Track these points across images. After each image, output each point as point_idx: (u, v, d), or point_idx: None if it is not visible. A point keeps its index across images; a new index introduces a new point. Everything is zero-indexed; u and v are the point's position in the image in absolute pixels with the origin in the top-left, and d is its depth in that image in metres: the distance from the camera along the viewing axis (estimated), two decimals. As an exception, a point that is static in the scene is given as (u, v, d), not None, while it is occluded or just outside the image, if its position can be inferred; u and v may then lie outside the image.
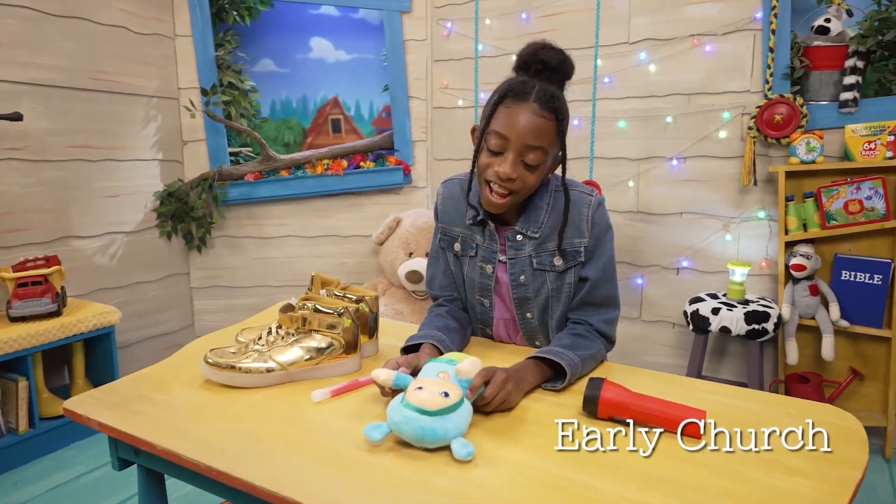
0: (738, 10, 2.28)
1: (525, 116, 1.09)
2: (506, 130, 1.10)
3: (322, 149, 2.99)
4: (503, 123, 1.10)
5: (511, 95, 1.12)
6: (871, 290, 2.10)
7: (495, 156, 1.13)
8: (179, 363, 1.21)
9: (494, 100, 1.14)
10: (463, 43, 2.86)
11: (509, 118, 1.10)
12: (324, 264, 3.02)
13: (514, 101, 1.11)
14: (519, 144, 1.10)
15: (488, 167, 1.13)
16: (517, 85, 1.13)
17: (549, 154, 1.13)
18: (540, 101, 1.10)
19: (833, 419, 0.97)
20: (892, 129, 2.01)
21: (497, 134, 1.11)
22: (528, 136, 1.09)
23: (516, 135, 1.09)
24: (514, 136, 1.09)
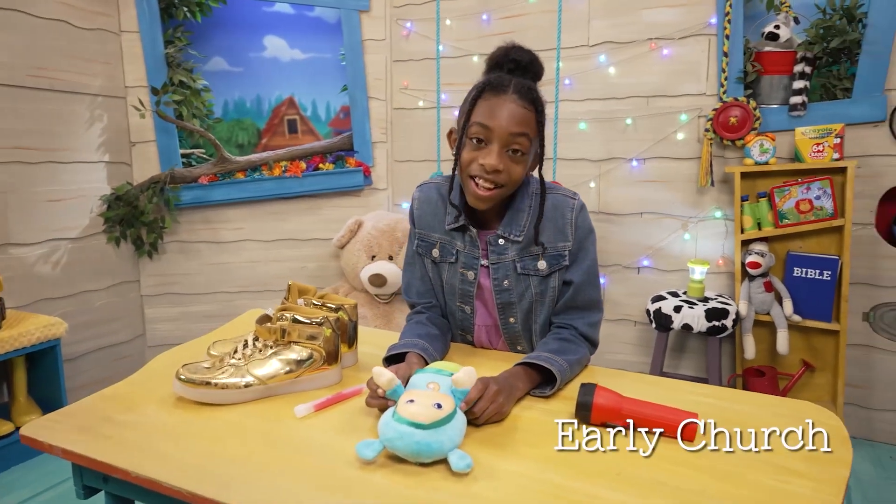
0: (693, 15, 2.34)
1: (506, 106, 1.10)
2: (488, 121, 1.09)
3: (279, 150, 2.91)
4: (485, 114, 1.10)
5: (489, 89, 1.12)
6: (821, 286, 2.19)
7: (479, 148, 1.12)
8: (145, 380, 1.14)
9: (473, 95, 1.14)
10: (423, 43, 2.84)
11: (491, 109, 1.10)
12: (282, 269, 2.94)
13: (493, 94, 1.11)
14: (503, 133, 1.09)
15: (472, 161, 1.12)
16: (494, 79, 1.13)
17: (532, 144, 1.13)
18: (519, 92, 1.11)
19: (815, 417, 0.99)
20: (839, 132, 2.11)
21: (479, 125, 1.10)
22: (512, 124, 1.09)
23: (499, 124, 1.09)
24: (496, 126, 1.09)
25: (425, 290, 1.31)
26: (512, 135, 1.09)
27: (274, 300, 2.95)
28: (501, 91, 1.11)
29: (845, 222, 2.12)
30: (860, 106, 2.16)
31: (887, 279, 2.21)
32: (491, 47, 2.69)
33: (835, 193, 2.13)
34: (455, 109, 2.81)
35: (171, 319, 2.90)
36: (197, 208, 2.82)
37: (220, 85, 2.97)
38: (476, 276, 1.23)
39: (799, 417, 0.99)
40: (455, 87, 2.78)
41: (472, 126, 1.12)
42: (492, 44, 2.68)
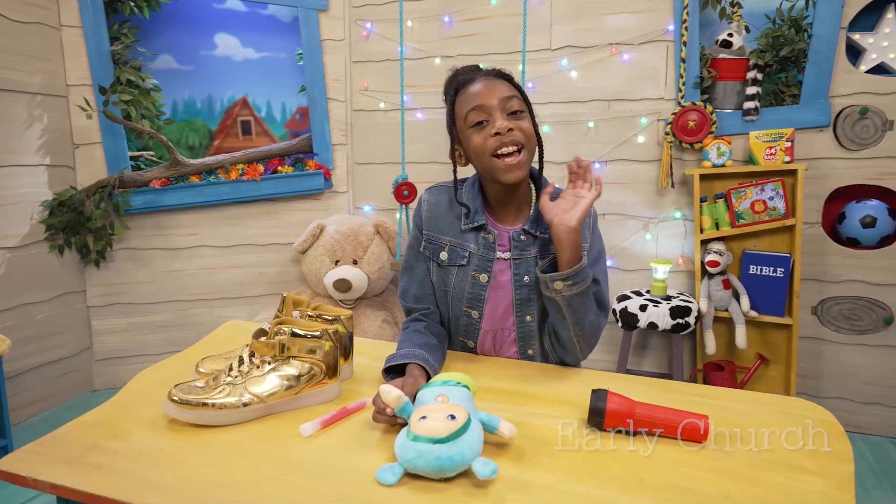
0: (652, 21, 2.41)
1: (486, 84, 1.17)
2: (478, 99, 1.16)
3: (236, 153, 2.80)
4: (473, 99, 1.16)
5: (462, 84, 1.20)
6: (775, 282, 2.30)
7: (482, 128, 1.16)
8: (128, 402, 1.06)
9: (451, 98, 1.21)
10: (383, 44, 2.80)
11: (475, 93, 1.17)
12: (240, 275, 2.84)
13: (468, 86, 1.19)
14: (496, 102, 1.15)
15: (485, 139, 1.16)
16: (462, 79, 1.22)
17: (525, 103, 1.19)
18: (487, 73, 1.20)
19: (810, 414, 1.04)
20: (789, 136, 2.22)
21: (474, 108, 1.16)
22: (500, 90, 1.16)
23: (488, 97, 1.15)
24: (487, 100, 1.15)
25: (423, 296, 1.30)
26: (503, 99, 1.15)
27: (232, 308, 2.85)
28: (472, 79, 1.19)
29: (796, 222, 2.23)
30: (807, 111, 2.28)
31: (833, 275, 2.34)
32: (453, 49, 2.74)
33: (786, 194, 2.24)
34: (417, 111, 2.79)
35: (121, 331, 2.75)
36: (148, 213, 2.68)
37: (169, 84, 2.84)
38: (489, 279, 1.22)
39: (795, 414, 1.03)
40: (417, 89, 2.75)
41: (467, 117, 1.17)
42: (454, 46, 2.70)
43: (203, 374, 1.09)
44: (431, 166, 2.81)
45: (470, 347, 1.32)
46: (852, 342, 2.35)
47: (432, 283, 1.29)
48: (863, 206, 2.27)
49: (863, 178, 2.26)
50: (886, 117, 2.20)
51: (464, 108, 1.17)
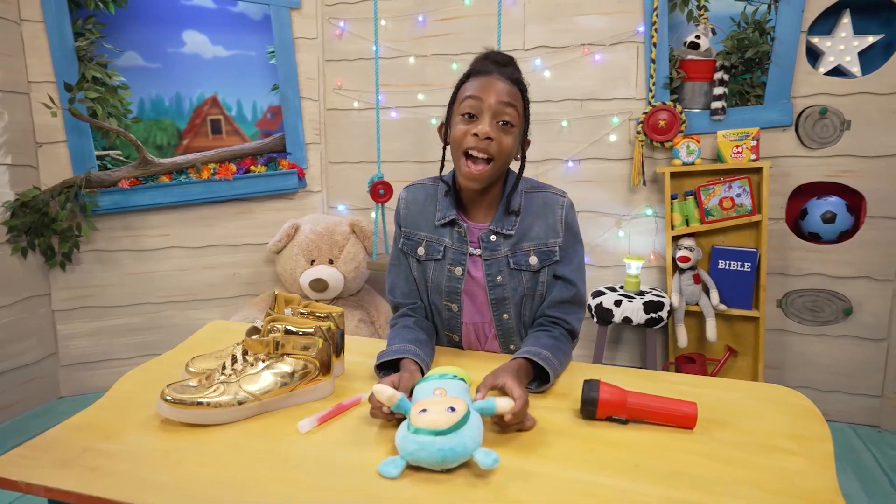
0: (622, 23, 2.46)
1: (494, 82, 1.17)
2: (479, 92, 1.15)
3: (207, 152, 2.76)
4: (475, 89, 1.16)
5: (475, 73, 1.20)
6: (743, 277, 2.38)
7: (470, 122, 1.16)
8: (116, 404, 1.04)
9: (460, 81, 1.22)
10: (356, 43, 2.79)
11: (480, 84, 1.17)
12: (213, 276, 2.79)
13: (479, 76, 1.19)
14: (493, 103, 1.14)
15: (465, 134, 1.16)
16: (479, 65, 1.21)
17: (520, 118, 1.19)
18: (502, 74, 1.18)
19: (787, 398, 1.08)
20: (755, 135, 2.30)
21: (471, 97, 1.16)
22: (501, 94, 1.15)
23: (488, 95, 1.15)
24: (486, 96, 1.15)
25: (410, 291, 1.30)
26: (502, 104, 1.14)
27: (204, 310, 2.80)
28: (487, 73, 1.18)
29: (762, 218, 2.31)
30: (770, 111, 2.36)
31: (796, 269, 2.43)
32: (427, 48, 2.75)
33: (752, 191, 2.32)
34: (392, 110, 2.79)
35: (88, 335, 2.67)
36: (116, 214, 2.62)
37: (136, 82, 2.77)
38: (464, 272, 1.24)
39: (775, 400, 1.08)
40: (391, 89, 2.76)
41: (463, 101, 1.17)
42: (428, 45, 2.71)
43: (194, 374, 1.08)
44: (406, 165, 2.82)
45: (455, 341, 1.33)
46: (814, 333, 2.44)
47: (415, 278, 1.30)
48: (823, 202, 2.37)
49: (823, 175, 2.35)
50: (844, 117, 2.30)
51: (463, 94, 1.18)
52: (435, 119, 2.73)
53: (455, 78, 2.74)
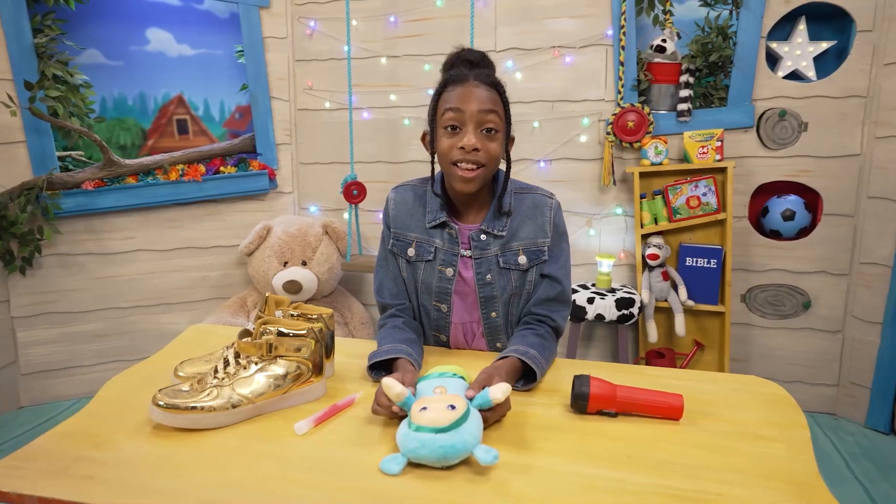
0: (591, 26, 2.52)
1: (472, 90, 1.16)
2: (459, 104, 1.15)
3: (175, 152, 2.70)
4: (454, 100, 1.16)
5: (451, 82, 1.19)
6: (709, 273, 2.46)
7: (454, 134, 1.17)
8: (102, 411, 1.02)
9: (436, 91, 1.21)
10: (327, 43, 2.77)
11: (457, 95, 1.16)
12: (181, 280, 2.74)
13: (455, 85, 1.18)
14: (474, 112, 1.15)
15: (451, 147, 1.17)
16: (454, 73, 1.20)
17: (503, 121, 1.20)
18: (479, 78, 1.18)
19: (763, 388, 1.14)
20: (719, 136, 2.38)
21: (451, 110, 1.16)
22: (481, 103, 1.15)
23: (468, 105, 1.15)
24: (467, 107, 1.15)
25: (398, 292, 1.31)
26: (482, 112, 1.15)
27: (172, 314, 2.74)
28: (463, 80, 1.18)
29: (727, 216, 2.40)
30: (733, 113, 2.45)
31: (758, 265, 2.53)
32: (399, 49, 2.75)
33: (718, 190, 2.40)
34: (364, 111, 2.78)
35: (50, 342, 2.58)
36: (80, 217, 2.54)
37: (97, 80, 2.69)
38: (455, 273, 1.25)
39: (753, 391, 1.13)
40: (363, 89, 2.75)
41: (444, 114, 1.17)
42: (400, 46, 2.72)
43: (184, 378, 1.06)
44: (379, 166, 2.82)
45: (443, 341, 1.35)
46: (776, 326, 2.55)
47: (404, 279, 1.31)
48: (783, 200, 2.47)
49: (783, 175, 2.45)
50: (801, 119, 2.40)
51: (443, 105, 1.18)
52: (408, 120, 2.74)
53: (427, 79, 2.76)
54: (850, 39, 2.36)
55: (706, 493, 0.81)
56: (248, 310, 2.66)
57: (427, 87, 2.68)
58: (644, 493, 0.80)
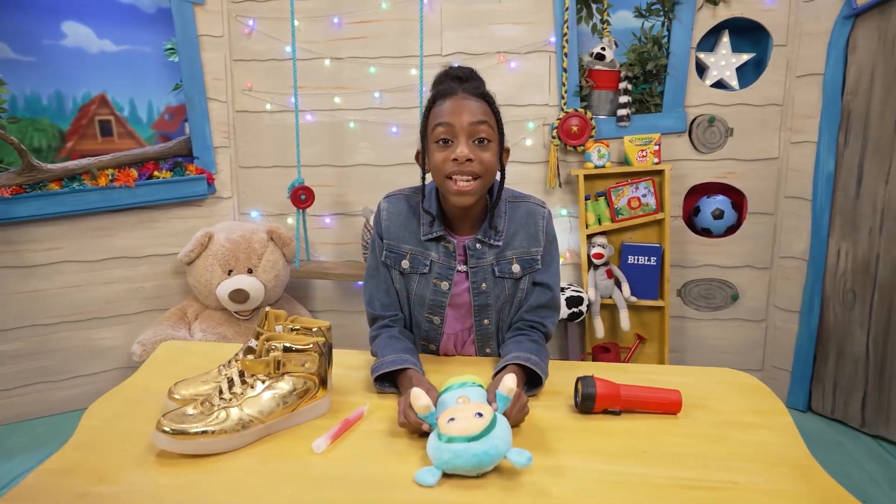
0: (535, 32, 2.59)
1: (461, 103, 1.16)
2: (448, 118, 1.15)
3: (103, 156, 2.52)
4: (444, 114, 1.15)
5: (440, 96, 1.19)
6: (649, 270, 2.60)
7: (446, 147, 1.16)
8: (94, 442, 0.95)
9: (426, 107, 1.21)
10: (267, 43, 2.68)
11: (447, 109, 1.16)
12: (113, 292, 2.56)
13: (444, 99, 1.18)
14: (464, 125, 1.14)
15: (444, 161, 1.15)
16: (442, 89, 1.20)
17: (495, 132, 1.19)
18: (467, 91, 1.18)
19: (739, 380, 1.22)
20: (657, 140, 2.52)
21: (441, 124, 1.15)
22: (471, 114, 1.15)
23: (458, 118, 1.14)
24: (457, 120, 1.14)
25: (390, 303, 1.30)
26: (473, 124, 1.15)
27: (104, 329, 2.57)
28: (451, 93, 1.18)
29: (665, 216, 2.54)
30: (668, 119, 2.60)
31: (692, 261, 2.70)
32: (343, 51, 2.71)
33: (656, 192, 2.54)
34: (308, 113, 2.72)
35: (-38, 366, 2.34)
36: (-4, 227, 2.32)
37: (6, 77, 2.46)
38: (450, 287, 1.25)
39: (728, 381, 1.21)
40: (306, 91, 2.68)
41: (435, 129, 1.16)
42: (344, 48, 2.68)
43: (181, 401, 1.00)
44: (324, 169, 2.76)
45: (431, 350, 1.35)
46: (708, 318, 2.73)
47: (396, 290, 1.30)
48: (713, 200, 2.65)
49: (712, 176, 2.63)
50: (728, 125, 2.59)
51: (433, 120, 1.17)
52: (353, 123, 2.70)
53: (373, 82, 2.73)
54: (767, 52, 2.57)
55: (721, 482, 0.86)
56: (189, 321, 2.53)
57: (373, 89, 2.66)
58: (668, 486, 0.85)
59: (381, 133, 2.70)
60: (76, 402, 2.55)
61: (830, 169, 2.42)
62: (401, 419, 0.96)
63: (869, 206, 2.31)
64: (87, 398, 2.56)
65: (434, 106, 1.19)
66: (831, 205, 2.43)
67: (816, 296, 2.49)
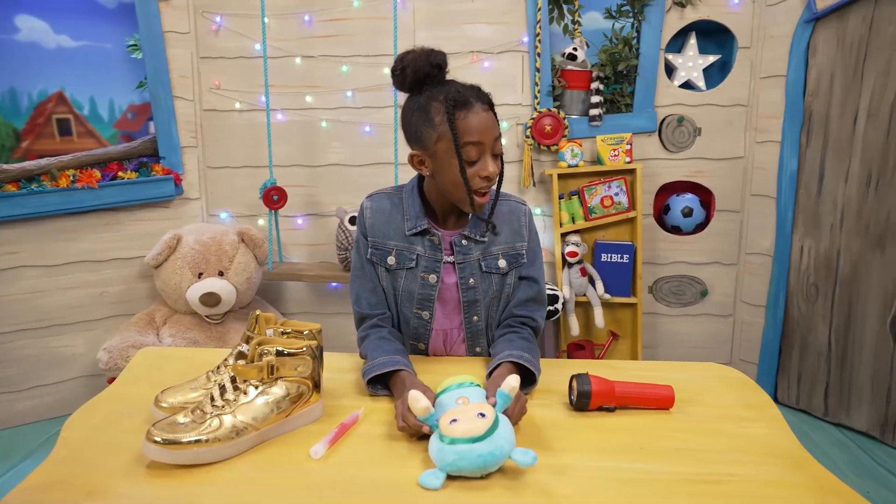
0: (508, 33, 2.60)
1: (481, 116, 1.14)
2: (479, 137, 1.13)
3: (64, 156, 2.41)
4: (473, 132, 1.12)
5: (458, 107, 1.13)
6: (622, 268, 2.64)
7: (474, 164, 1.15)
8: (77, 456, 0.90)
9: (446, 118, 1.13)
10: (235, 40, 2.62)
11: (474, 125, 1.12)
12: (76, 297, 2.46)
13: (464, 110, 1.13)
14: (490, 142, 1.15)
15: (473, 177, 1.15)
16: (455, 95, 1.14)
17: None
18: (480, 100, 1.16)
19: (725, 374, 1.25)
20: (629, 139, 2.56)
21: (474, 144, 1.13)
22: (493, 130, 1.15)
23: (487, 136, 1.14)
24: (486, 139, 1.14)
25: (377, 301, 1.28)
26: (496, 139, 1.16)
27: (66, 336, 2.47)
28: (469, 105, 1.13)
29: (637, 214, 2.59)
30: (638, 118, 2.65)
31: (662, 258, 2.75)
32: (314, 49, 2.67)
33: (629, 190, 2.58)
34: (278, 112, 2.66)
35: (-87, 378, 2.22)
36: (-51, 231, 2.20)
37: (-47, 72, 2.36)
38: (438, 280, 1.25)
39: (715, 376, 1.24)
40: (277, 90, 2.63)
41: (465, 147, 1.13)
42: (315, 46, 2.63)
43: (168, 409, 0.97)
44: (295, 170, 2.71)
45: (420, 350, 1.34)
46: (679, 314, 2.79)
47: (383, 287, 1.29)
48: (682, 198, 2.71)
49: (681, 175, 2.69)
50: (696, 125, 2.65)
51: (462, 137, 1.12)
52: (325, 122, 2.66)
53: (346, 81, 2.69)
54: (732, 54, 2.64)
55: (720, 474, 0.88)
56: (157, 326, 2.46)
57: (345, 88, 2.62)
58: (671, 481, 0.86)
59: (353, 133, 2.67)
60: (38, 413, 2.44)
61: (793, 168, 2.50)
62: (399, 423, 0.94)
63: (830, 204, 2.39)
64: (50, 409, 2.46)
65: (455, 117, 1.12)
66: (795, 202, 2.51)
67: (781, 290, 2.57)
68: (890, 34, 2.16)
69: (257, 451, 0.92)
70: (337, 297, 2.81)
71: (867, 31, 2.23)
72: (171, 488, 0.82)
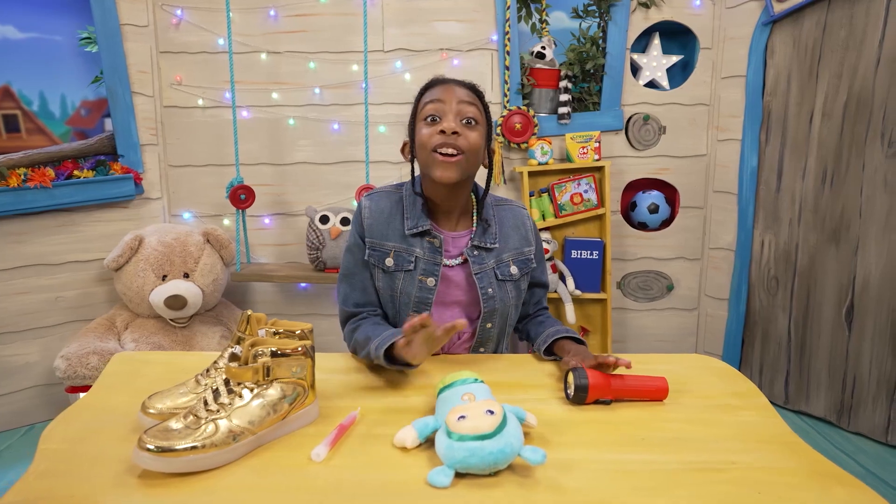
0: (477, 30, 2.60)
1: (452, 87, 1.20)
2: (440, 95, 1.18)
3: (13, 154, 2.29)
4: (435, 94, 1.19)
5: (432, 84, 1.22)
6: (592, 264, 2.67)
7: (433, 124, 1.18)
8: (61, 469, 0.84)
9: (419, 94, 1.25)
10: (197, 34, 2.54)
11: (439, 90, 1.19)
12: (29, 302, 2.33)
13: (436, 84, 1.22)
14: (454, 103, 1.17)
15: (431, 134, 1.16)
16: (433, 80, 1.24)
17: (483, 118, 1.22)
18: (458, 83, 1.22)
19: (710, 364, 1.27)
20: (597, 137, 2.59)
21: (432, 101, 1.18)
22: (462, 95, 1.19)
23: (449, 96, 1.17)
24: (447, 96, 1.17)
25: (366, 301, 1.26)
26: (463, 103, 1.17)
27: (19, 343, 2.35)
28: (443, 81, 1.22)
29: (605, 211, 2.62)
30: (606, 117, 2.69)
31: (630, 254, 2.81)
32: (280, 45, 2.67)
33: (597, 188, 2.62)
34: (244, 109, 2.59)
35: None
36: None
37: None
38: (436, 283, 1.23)
39: (702, 366, 1.26)
40: (242, 86, 2.56)
41: (425, 107, 1.18)
42: (281, 41, 2.59)
43: (157, 416, 0.92)
44: (262, 168, 2.64)
45: (414, 351, 1.32)
46: (646, 308, 2.85)
47: (376, 289, 1.27)
48: (648, 195, 2.77)
49: (647, 172, 2.75)
50: (661, 123, 2.71)
51: (424, 101, 1.19)
52: (293, 119, 2.60)
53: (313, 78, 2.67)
54: (694, 55, 2.71)
55: (721, 462, 0.89)
56: (119, 331, 2.35)
57: (312, 85, 2.57)
58: (676, 470, 0.86)
59: (321, 130, 2.62)
60: (-12, 427, 2.31)
61: (754, 165, 2.58)
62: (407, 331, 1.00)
63: (788, 199, 2.49)
64: (2, 420, 2.32)
65: (425, 92, 1.22)
66: (755, 198, 2.60)
67: (743, 284, 2.66)
68: (842, 37, 2.26)
69: (255, 456, 0.88)
70: (307, 298, 2.76)
71: (821, 34, 2.33)
72: (167, 498, 0.78)
